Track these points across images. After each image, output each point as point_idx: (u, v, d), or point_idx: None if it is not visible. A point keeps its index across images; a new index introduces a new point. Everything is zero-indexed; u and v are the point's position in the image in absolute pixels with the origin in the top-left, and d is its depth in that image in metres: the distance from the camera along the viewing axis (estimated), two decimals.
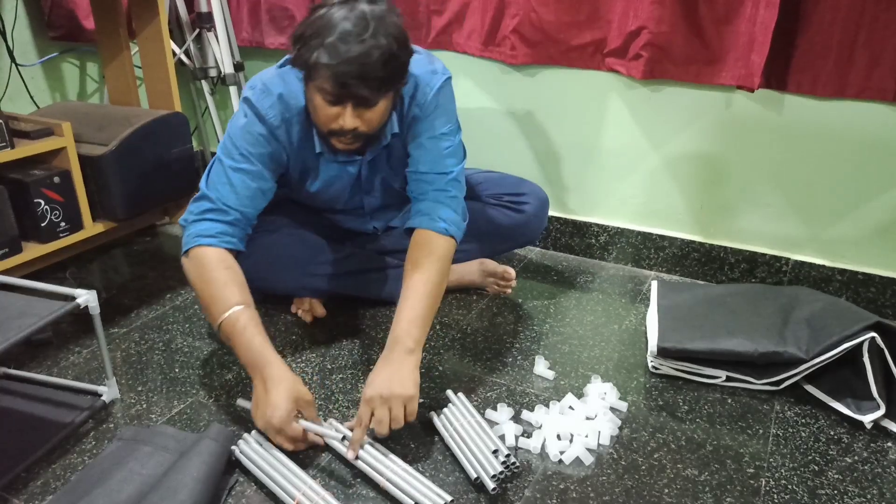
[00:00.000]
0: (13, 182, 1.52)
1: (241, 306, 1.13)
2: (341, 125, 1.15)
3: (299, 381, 1.10)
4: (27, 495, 1.01)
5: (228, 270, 1.18)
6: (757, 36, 1.44)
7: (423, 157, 1.31)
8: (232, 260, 1.21)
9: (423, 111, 1.29)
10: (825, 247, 1.61)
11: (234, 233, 1.24)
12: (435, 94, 1.29)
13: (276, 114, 1.25)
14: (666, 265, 1.79)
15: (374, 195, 1.46)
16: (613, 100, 1.70)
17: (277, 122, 1.26)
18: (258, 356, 1.10)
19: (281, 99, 1.25)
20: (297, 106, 1.26)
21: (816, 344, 1.22)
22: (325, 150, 1.31)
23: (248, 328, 1.11)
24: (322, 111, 1.15)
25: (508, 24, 1.70)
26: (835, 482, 1.07)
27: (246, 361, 1.12)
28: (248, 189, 1.25)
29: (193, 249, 1.20)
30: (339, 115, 1.14)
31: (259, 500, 1.01)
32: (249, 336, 1.11)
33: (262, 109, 1.24)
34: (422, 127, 1.30)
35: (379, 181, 1.43)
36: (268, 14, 2.00)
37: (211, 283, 1.16)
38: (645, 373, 1.34)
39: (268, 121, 1.25)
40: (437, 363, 1.36)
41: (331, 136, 1.20)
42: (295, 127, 1.28)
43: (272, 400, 1.06)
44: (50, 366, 1.33)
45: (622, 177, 1.77)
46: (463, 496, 1.02)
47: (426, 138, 1.30)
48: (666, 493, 1.04)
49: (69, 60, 2.04)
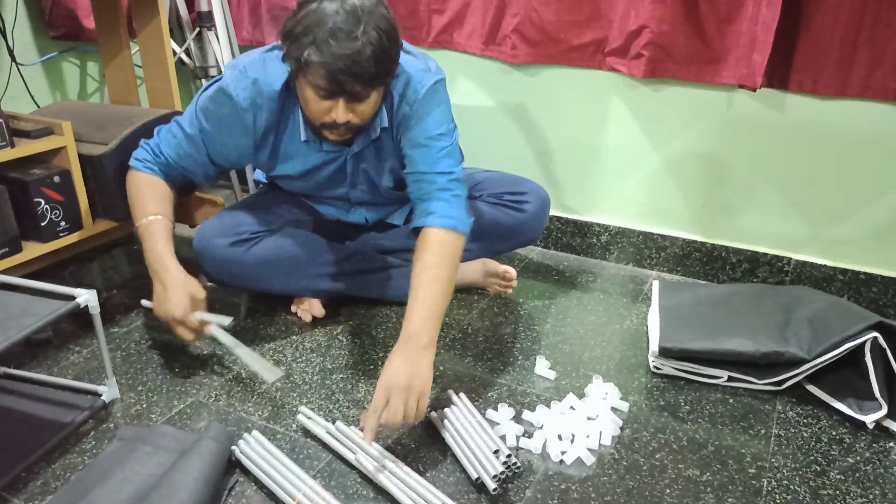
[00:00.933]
0: (13, 181, 1.52)
1: (155, 216, 1.30)
2: (334, 119, 1.16)
3: (193, 280, 1.26)
4: (27, 495, 1.01)
5: (151, 188, 1.36)
6: (759, 35, 1.44)
7: (422, 158, 1.30)
8: (159, 181, 1.38)
9: (415, 110, 1.28)
10: (827, 247, 1.61)
11: (158, 172, 1.39)
12: (427, 93, 1.28)
13: (247, 97, 1.27)
14: (667, 265, 1.78)
15: (359, 189, 1.47)
16: (614, 99, 1.69)
17: (246, 105, 1.28)
18: (159, 261, 1.26)
19: (255, 84, 1.26)
20: (269, 91, 1.27)
21: (818, 344, 1.21)
22: (311, 138, 1.33)
23: (154, 235, 1.28)
24: (314, 105, 1.16)
25: (509, 24, 1.70)
26: (837, 482, 1.07)
27: (149, 264, 1.27)
28: (184, 150, 1.37)
29: (131, 168, 1.40)
30: (332, 109, 1.15)
31: (259, 499, 1.01)
32: (154, 242, 1.28)
33: (233, 91, 1.27)
34: (417, 128, 1.29)
35: (365, 176, 1.44)
36: (268, 13, 2.00)
37: (136, 196, 1.35)
38: (646, 373, 1.34)
39: (236, 101, 1.27)
40: (438, 363, 1.35)
41: (323, 128, 1.22)
42: (263, 113, 1.29)
43: (171, 297, 1.22)
44: (50, 365, 1.33)
45: (623, 176, 1.76)
46: (464, 496, 1.02)
47: (423, 139, 1.29)
48: (667, 494, 1.03)
49: (69, 60, 2.04)
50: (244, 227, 1.40)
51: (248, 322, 1.50)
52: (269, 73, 1.27)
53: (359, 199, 1.50)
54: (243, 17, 2.06)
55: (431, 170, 1.29)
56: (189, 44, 2.04)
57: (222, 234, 1.39)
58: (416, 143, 1.30)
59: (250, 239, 1.40)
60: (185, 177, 1.42)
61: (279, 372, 1.28)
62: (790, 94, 1.52)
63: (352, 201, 1.50)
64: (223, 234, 1.39)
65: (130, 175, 1.40)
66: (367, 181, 1.44)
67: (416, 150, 1.30)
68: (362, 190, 1.47)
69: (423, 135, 1.29)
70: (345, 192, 1.47)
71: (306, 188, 1.47)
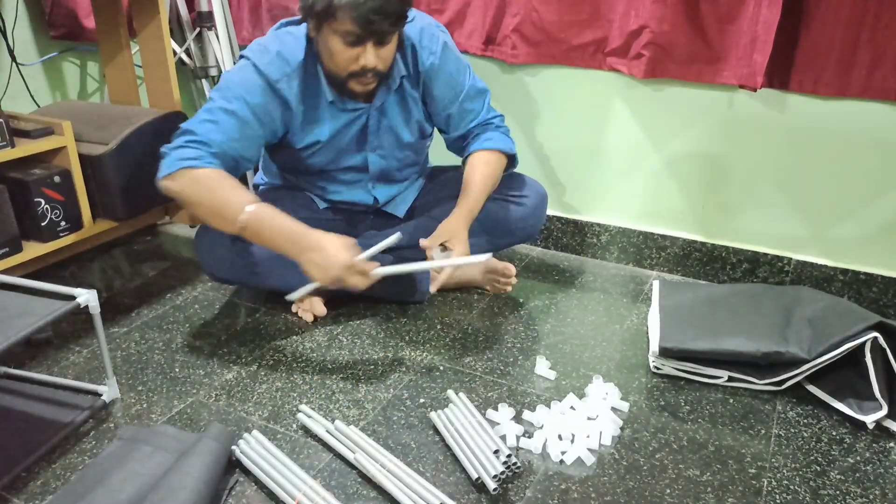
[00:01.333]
0: (13, 181, 1.52)
1: (251, 204, 1.20)
2: (363, 64, 1.24)
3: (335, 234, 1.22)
4: (27, 495, 1.01)
5: (228, 179, 1.23)
6: (759, 35, 1.44)
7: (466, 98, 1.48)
8: (224, 173, 1.24)
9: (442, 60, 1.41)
10: (827, 247, 1.61)
11: (218, 163, 1.26)
12: (446, 44, 1.43)
13: (275, 69, 1.31)
14: (668, 265, 1.78)
15: (379, 152, 1.49)
16: (615, 99, 1.69)
17: (277, 76, 1.31)
18: (296, 233, 1.21)
19: (279, 55, 1.31)
20: (294, 60, 1.32)
21: (818, 344, 1.21)
22: (336, 98, 1.36)
23: (275, 217, 1.21)
24: (341, 55, 1.24)
25: (509, 24, 1.70)
26: (837, 482, 1.06)
27: (283, 242, 1.21)
28: (234, 129, 1.28)
29: (180, 171, 1.22)
30: (360, 56, 1.23)
31: (259, 499, 1.01)
32: (280, 221, 1.21)
33: (261, 65, 1.30)
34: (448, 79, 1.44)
35: (387, 133, 1.47)
36: (268, 13, 2.00)
37: (216, 192, 1.21)
38: (646, 373, 1.34)
39: (266, 75, 1.30)
40: (438, 363, 1.35)
41: (351, 78, 1.28)
42: (295, 81, 1.33)
43: (333, 251, 1.18)
44: (50, 365, 1.33)
45: (624, 176, 1.76)
46: (464, 496, 1.02)
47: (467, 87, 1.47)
48: (668, 494, 1.03)
49: (70, 59, 2.04)
50: None
51: (248, 322, 1.50)
52: (287, 45, 1.32)
53: (376, 168, 1.51)
54: (243, 17, 2.06)
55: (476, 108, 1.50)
56: (189, 44, 2.04)
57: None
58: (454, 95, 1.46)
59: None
60: (235, 164, 1.32)
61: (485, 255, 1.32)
62: (791, 94, 1.52)
63: (369, 172, 1.51)
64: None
65: (184, 175, 1.22)
66: (389, 138, 1.48)
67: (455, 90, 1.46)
68: (381, 154, 1.49)
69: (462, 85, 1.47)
70: (363, 159, 1.49)
71: (328, 159, 1.47)
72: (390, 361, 1.36)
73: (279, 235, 1.21)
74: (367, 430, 1.16)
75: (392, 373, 1.32)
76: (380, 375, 1.31)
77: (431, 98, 1.47)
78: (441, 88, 1.45)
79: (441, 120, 1.52)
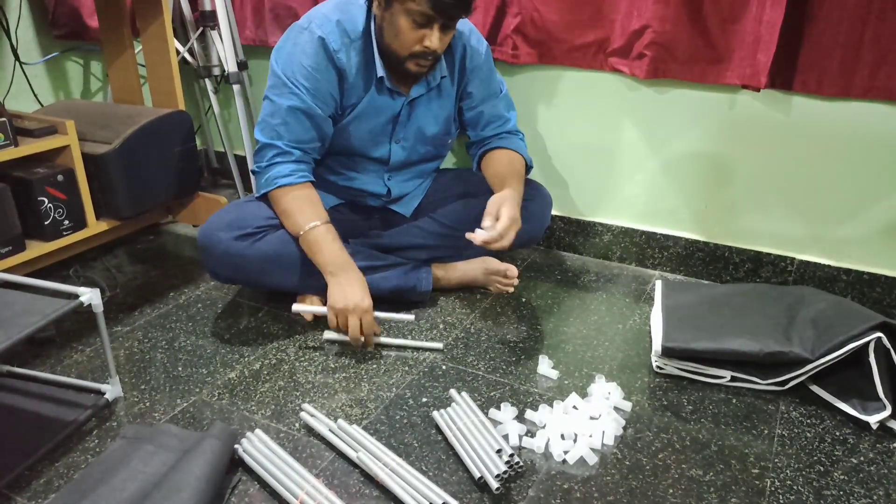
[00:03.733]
0: (17, 180, 1.52)
1: (318, 222, 1.35)
2: (427, 46, 1.29)
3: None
4: (30, 493, 1.01)
5: (313, 196, 1.39)
6: (763, 35, 1.44)
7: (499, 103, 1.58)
8: (308, 188, 1.40)
9: (486, 63, 1.52)
10: (830, 247, 1.60)
11: (304, 168, 1.40)
12: (488, 51, 1.52)
13: (335, 38, 1.34)
14: (670, 265, 1.78)
15: (403, 144, 1.52)
16: (617, 100, 1.69)
17: (337, 46, 1.34)
18: (338, 260, 1.34)
19: (339, 24, 1.34)
20: (355, 32, 1.36)
21: (822, 344, 1.21)
22: (386, 75, 1.39)
23: (330, 240, 1.35)
24: (407, 34, 1.28)
25: (510, 24, 1.70)
26: (840, 483, 1.06)
27: (326, 260, 1.34)
28: (303, 125, 1.37)
29: (273, 191, 1.39)
30: (425, 37, 1.28)
31: (262, 498, 1.01)
32: (333, 244, 1.35)
33: (325, 34, 1.33)
34: (490, 81, 1.55)
35: (414, 126, 1.50)
36: (271, 12, 2.00)
37: (297, 202, 1.37)
38: (649, 373, 1.34)
39: (328, 44, 1.33)
40: (441, 362, 1.35)
41: (411, 59, 1.33)
42: (353, 52, 1.37)
43: (356, 290, 1.32)
44: (53, 364, 1.33)
45: (626, 176, 1.76)
46: (466, 496, 1.02)
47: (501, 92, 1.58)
48: (670, 494, 1.03)
49: (73, 59, 2.04)
50: (249, 222, 1.40)
51: (251, 321, 1.50)
52: (349, 14, 1.36)
53: (397, 159, 1.54)
54: (246, 16, 2.06)
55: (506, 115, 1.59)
56: (192, 43, 2.05)
57: (227, 228, 1.39)
58: (489, 95, 1.55)
59: (255, 233, 1.40)
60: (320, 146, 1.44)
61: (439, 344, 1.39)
62: (794, 95, 1.51)
63: (390, 162, 1.54)
64: (228, 227, 1.39)
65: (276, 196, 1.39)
66: (415, 131, 1.51)
67: (491, 101, 1.56)
68: (403, 146, 1.52)
69: (497, 86, 1.57)
70: (386, 151, 1.51)
71: (356, 135, 1.48)
72: (393, 361, 1.36)
73: (328, 252, 1.34)
74: (370, 429, 1.16)
75: (395, 372, 1.32)
76: (382, 374, 1.31)
77: (467, 94, 1.53)
78: (478, 86, 1.53)
79: (472, 117, 1.56)
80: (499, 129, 1.59)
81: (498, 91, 1.58)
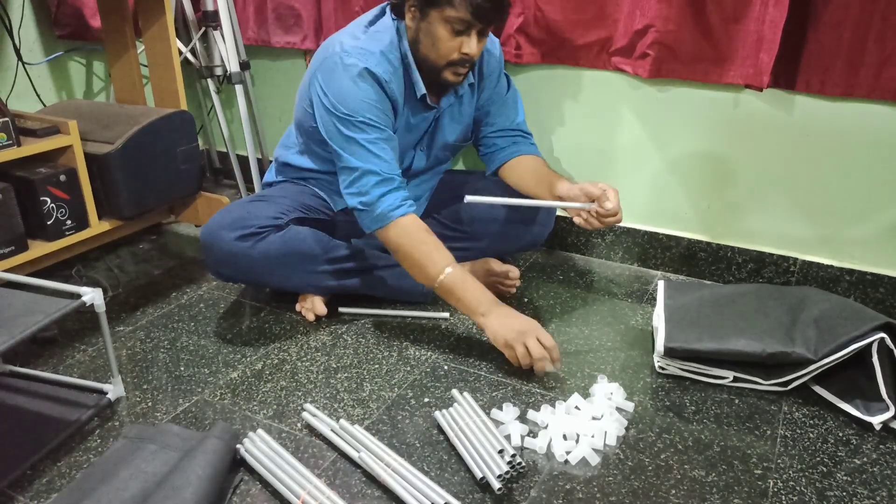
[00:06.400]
0: (19, 180, 1.53)
1: (452, 266, 1.31)
2: (465, 52, 1.28)
3: None
4: (32, 493, 1.01)
5: (430, 235, 1.34)
6: (766, 34, 1.43)
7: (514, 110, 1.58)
8: (417, 222, 1.34)
9: (500, 65, 1.53)
10: (833, 247, 1.60)
11: (407, 196, 1.36)
12: (501, 53, 1.53)
13: (384, 70, 1.34)
14: (673, 265, 1.78)
15: (427, 152, 1.54)
16: (620, 99, 1.69)
17: (387, 77, 1.34)
18: (488, 297, 1.31)
19: (382, 55, 1.34)
20: (396, 59, 1.36)
21: (825, 344, 1.21)
22: (427, 92, 1.40)
23: (467, 281, 1.32)
24: (445, 43, 1.28)
25: (513, 23, 1.70)
26: (843, 484, 1.06)
27: (476, 304, 1.30)
28: (388, 154, 1.35)
29: (393, 223, 1.32)
30: (463, 44, 1.28)
31: (264, 498, 1.01)
32: (472, 286, 1.32)
33: (374, 67, 1.32)
34: (502, 85, 1.55)
35: (439, 136, 1.53)
36: (274, 13, 2.00)
37: (421, 248, 1.32)
38: (651, 373, 1.33)
39: (380, 76, 1.32)
40: (443, 362, 1.35)
41: (448, 67, 1.32)
42: (396, 79, 1.37)
43: (519, 316, 1.29)
44: (55, 363, 1.33)
45: (629, 176, 1.76)
46: (468, 496, 1.02)
47: (511, 93, 1.58)
48: (673, 495, 1.03)
49: (75, 59, 2.05)
50: (252, 222, 1.40)
51: (253, 321, 1.50)
52: (385, 43, 1.34)
53: (418, 167, 1.56)
54: (249, 16, 2.06)
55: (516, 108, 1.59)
56: (195, 43, 2.05)
57: (229, 228, 1.39)
58: (499, 95, 1.55)
59: (257, 233, 1.39)
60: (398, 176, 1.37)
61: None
62: (797, 95, 1.51)
63: (411, 170, 1.55)
64: (230, 227, 1.39)
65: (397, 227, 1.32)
66: (438, 139, 1.53)
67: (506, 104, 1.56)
68: (427, 153, 1.55)
69: (509, 91, 1.57)
70: (410, 158, 1.53)
71: None
72: (395, 361, 1.36)
73: (471, 295, 1.30)
74: (372, 429, 1.16)
75: (397, 372, 1.32)
76: (384, 375, 1.31)
77: (484, 98, 1.54)
78: (492, 88, 1.54)
79: (482, 113, 1.57)
80: (511, 131, 1.58)
81: (507, 87, 1.58)
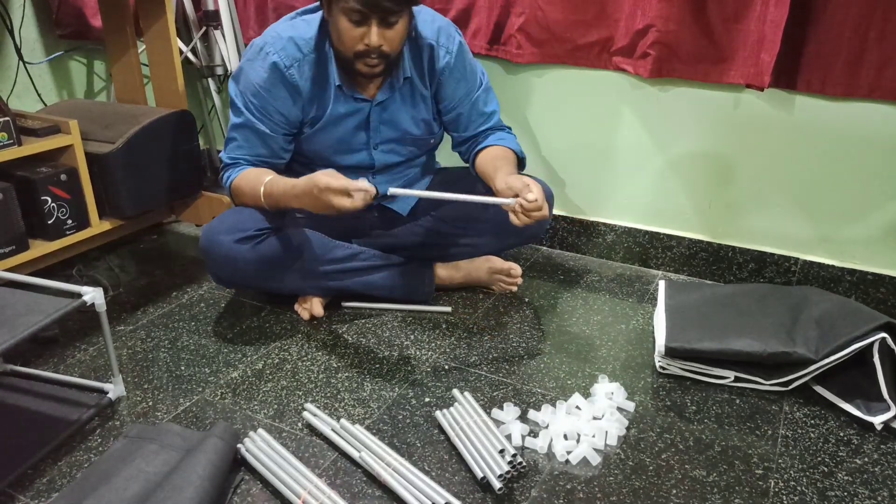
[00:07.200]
0: (20, 179, 1.53)
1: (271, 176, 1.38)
2: (367, 44, 1.28)
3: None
4: (33, 492, 1.01)
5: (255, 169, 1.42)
6: (767, 34, 1.43)
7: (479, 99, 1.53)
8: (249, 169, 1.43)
9: (457, 60, 1.47)
10: (834, 247, 1.60)
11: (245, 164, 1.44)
12: (461, 44, 1.48)
13: (287, 54, 1.36)
14: (673, 265, 1.78)
15: (383, 148, 1.52)
16: (620, 99, 1.69)
17: (288, 63, 1.36)
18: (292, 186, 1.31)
19: (291, 40, 1.36)
20: (307, 46, 1.37)
21: (826, 344, 1.21)
22: (344, 82, 1.40)
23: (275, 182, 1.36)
24: (348, 34, 1.29)
25: (514, 23, 1.70)
26: (844, 484, 1.06)
27: (293, 196, 1.31)
28: (253, 141, 1.42)
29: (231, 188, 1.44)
30: (365, 35, 1.28)
31: (264, 498, 1.01)
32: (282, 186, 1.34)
33: (274, 51, 1.35)
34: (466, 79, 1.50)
35: (390, 129, 1.50)
36: (274, 12, 2.00)
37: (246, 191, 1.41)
38: (652, 373, 1.33)
39: (278, 62, 1.35)
40: (444, 362, 1.35)
41: (357, 59, 1.32)
42: (306, 66, 1.38)
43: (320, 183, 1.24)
44: (56, 363, 1.33)
45: (629, 176, 1.76)
46: (469, 496, 1.02)
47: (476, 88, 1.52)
48: (674, 494, 1.03)
49: (76, 58, 2.05)
50: (250, 224, 1.40)
51: (254, 320, 1.50)
52: (300, 30, 1.38)
53: (381, 163, 1.54)
54: (250, 15, 2.06)
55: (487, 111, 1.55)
56: (195, 43, 2.05)
57: (228, 231, 1.39)
58: (467, 93, 1.51)
59: (256, 236, 1.40)
60: (270, 164, 1.46)
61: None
62: (798, 94, 1.51)
63: (375, 167, 1.54)
64: (229, 230, 1.39)
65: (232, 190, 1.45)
66: (393, 134, 1.51)
67: (468, 100, 1.51)
68: (384, 150, 1.52)
69: (475, 84, 1.52)
70: (368, 157, 1.52)
71: (328, 142, 1.48)
72: (395, 360, 1.36)
73: (284, 191, 1.33)
74: (373, 428, 1.16)
75: (397, 372, 1.32)
76: (385, 374, 1.31)
77: (443, 97, 1.50)
78: (453, 87, 1.49)
79: (451, 119, 1.53)
80: (482, 126, 1.55)
81: (476, 86, 1.53)
